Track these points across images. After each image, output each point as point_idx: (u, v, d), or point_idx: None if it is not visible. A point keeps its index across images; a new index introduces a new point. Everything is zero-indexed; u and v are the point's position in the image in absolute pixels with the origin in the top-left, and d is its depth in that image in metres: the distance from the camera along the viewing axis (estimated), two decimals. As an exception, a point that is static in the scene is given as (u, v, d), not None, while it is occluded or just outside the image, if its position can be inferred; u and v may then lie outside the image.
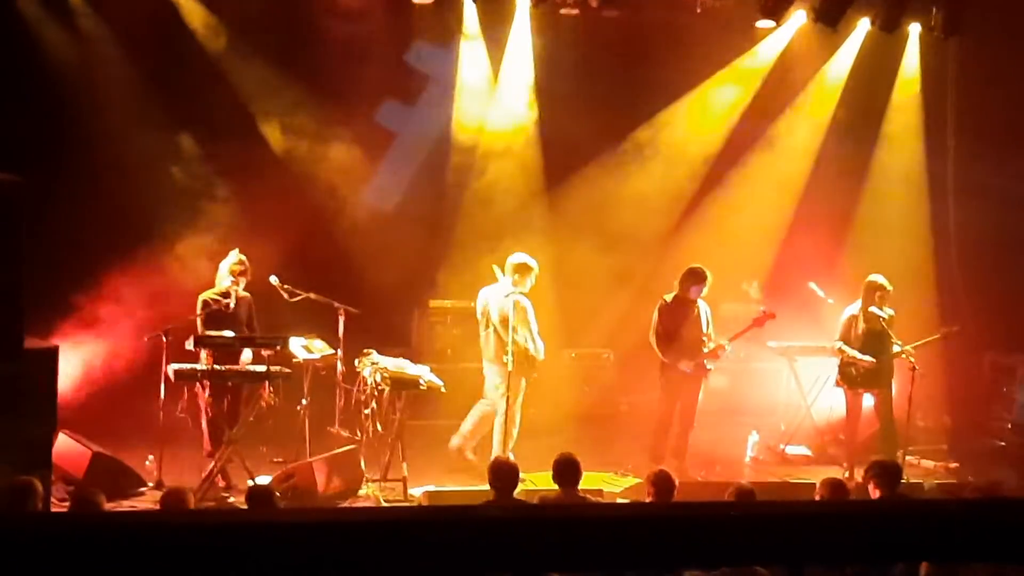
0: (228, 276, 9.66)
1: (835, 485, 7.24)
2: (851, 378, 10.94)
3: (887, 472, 7.45)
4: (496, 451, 9.98)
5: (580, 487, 7.54)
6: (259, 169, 11.88)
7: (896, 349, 10.76)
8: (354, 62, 12.59)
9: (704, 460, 11.04)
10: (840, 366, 11.03)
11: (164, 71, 11.96)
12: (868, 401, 11.10)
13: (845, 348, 10.89)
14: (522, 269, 10.19)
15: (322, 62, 12.38)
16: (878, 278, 10.84)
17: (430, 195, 13.31)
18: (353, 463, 9.59)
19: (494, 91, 13.38)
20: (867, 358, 10.76)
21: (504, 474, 7.14)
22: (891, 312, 10.83)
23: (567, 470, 7.41)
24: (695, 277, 10.41)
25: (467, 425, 10.53)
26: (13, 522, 1.58)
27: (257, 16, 12.12)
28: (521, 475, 7.55)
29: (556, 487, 7.47)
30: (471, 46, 13.22)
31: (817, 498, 7.11)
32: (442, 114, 13.28)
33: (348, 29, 12.51)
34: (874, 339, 10.78)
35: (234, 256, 9.73)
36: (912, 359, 10.60)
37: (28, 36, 11.46)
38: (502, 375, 10.16)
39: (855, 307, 10.93)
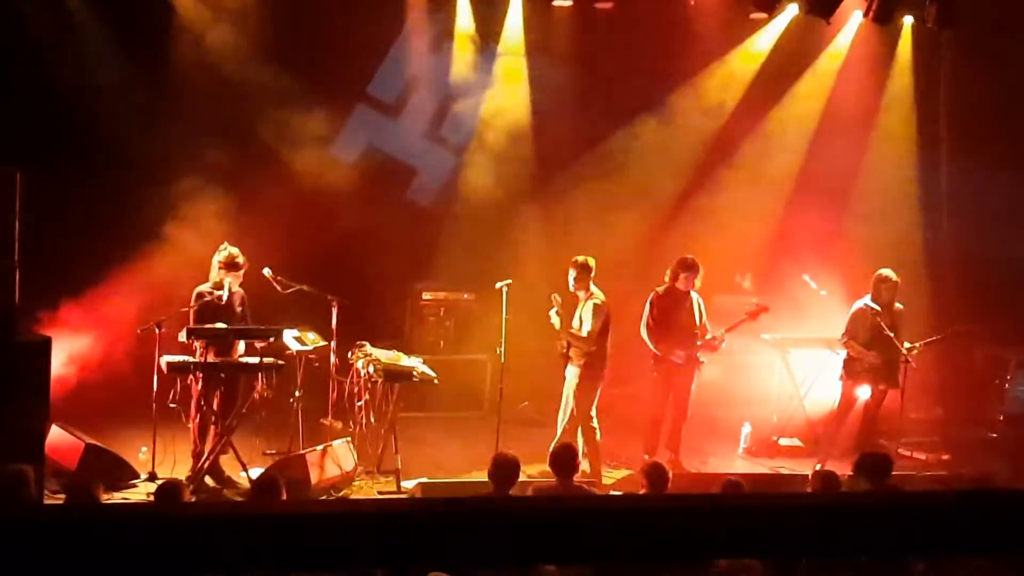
0: (219, 269, 9.64)
1: (827, 477, 7.27)
2: (856, 374, 10.86)
3: (876, 465, 7.46)
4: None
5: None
6: (253, 163, 11.87)
7: (907, 346, 10.67)
8: (348, 54, 12.58)
9: (697, 452, 11.06)
10: (845, 361, 10.97)
11: (160, 65, 11.95)
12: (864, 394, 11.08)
13: (853, 343, 10.84)
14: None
15: (316, 55, 12.37)
16: (884, 272, 10.81)
17: (424, 187, 13.31)
18: (346, 455, 9.60)
19: (487, 83, 13.37)
20: (870, 355, 10.72)
21: (505, 469, 7.16)
22: (900, 306, 10.81)
23: (564, 460, 7.45)
24: (685, 267, 10.40)
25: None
26: (6, 513, 1.58)
27: (251, 9, 12.09)
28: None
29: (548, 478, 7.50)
30: (464, 39, 13.21)
31: (809, 490, 7.13)
32: (435, 106, 13.28)
33: (341, 22, 12.50)
34: (879, 334, 10.68)
35: (224, 249, 9.70)
36: (915, 353, 10.59)
37: (24, 31, 11.43)
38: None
39: (863, 301, 10.87)
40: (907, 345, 10.65)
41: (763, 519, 1.71)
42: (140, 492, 9.17)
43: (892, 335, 10.58)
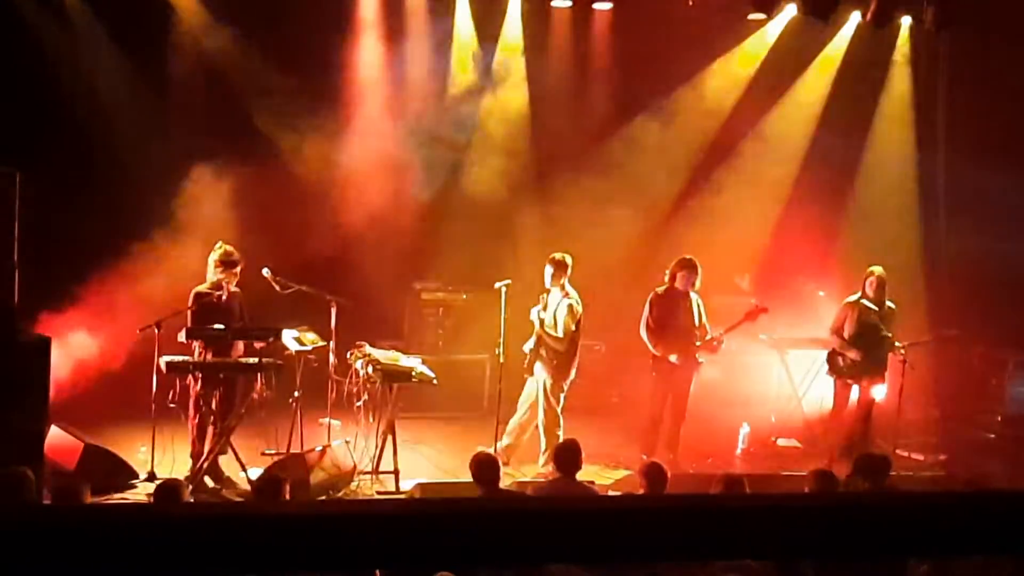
0: (215, 269, 9.65)
1: (823, 476, 7.27)
2: (839, 368, 11.03)
3: (875, 465, 7.47)
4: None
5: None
6: (252, 163, 11.85)
7: (896, 345, 10.79)
8: (347, 54, 12.60)
9: (696, 452, 11.06)
10: (828, 355, 11.12)
11: (159, 65, 11.96)
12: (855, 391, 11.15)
13: (836, 337, 10.97)
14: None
15: (316, 55, 12.37)
16: (874, 269, 10.90)
17: (422, 187, 13.32)
18: (345, 455, 9.60)
19: (486, 83, 13.38)
20: (851, 353, 10.81)
21: (485, 467, 7.16)
22: (892, 305, 10.88)
23: (568, 457, 7.44)
24: (683, 266, 10.43)
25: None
26: (6, 515, 1.58)
27: (249, 10, 12.10)
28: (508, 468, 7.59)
29: (548, 475, 7.49)
30: (463, 39, 13.22)
31: (806, 490, 7.13)
32: (434, 106, 13.29)
33: (341, 21, 12.51)
34: (867, 331, 10.80)
35: (219, 248, 9.71)
36: (903, 352, 10.67)
37: (24, 31, 11.43)
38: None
39: (853, 298, 10.98)
40: (896, 345, 10.75)
41: (762, 519, 1.71)
42: (139, 492, 9.17)
43: (887, 334, 10.66)
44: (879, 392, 11.03)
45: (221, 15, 12.14)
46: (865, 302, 10.80)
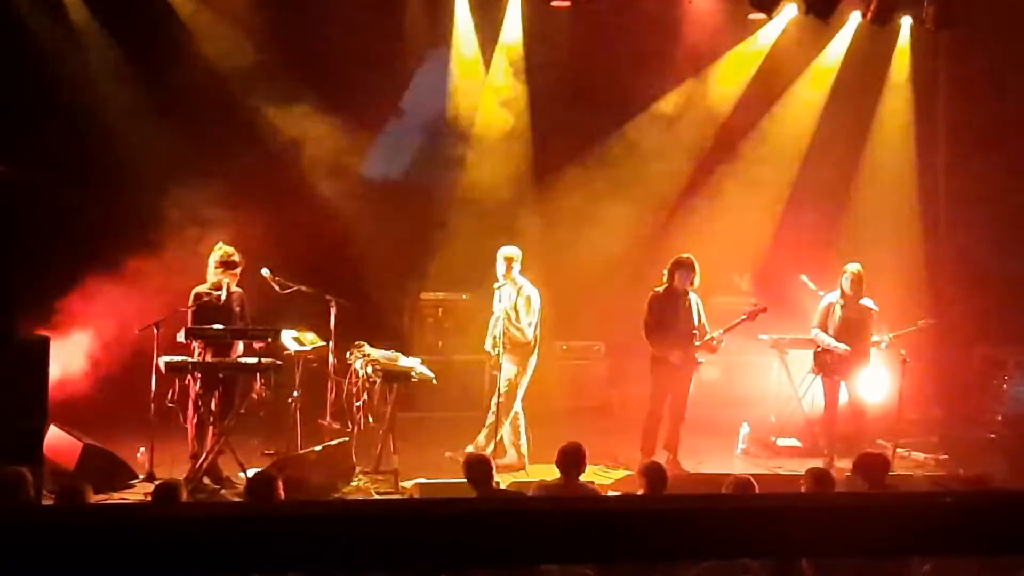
0: (216, 269, 9.65)
1: (819, 475, 7.27)
2: (825, 366, 11.07)
3: (875, 465, 7.47)
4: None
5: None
6: (252, 163, 11.87)
7: (875, 339, 10.90)
8: (346, 53, 12.59)
9: (695, 452, 11.06)
10: (815, 354, 11.16)
11: (159, 64, 11.96)
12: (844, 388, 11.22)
13: (819, 336, 11.01)
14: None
15: (315, 54, 12.37)
16: (850, 266, 10.97)
17: (421, 187, 13.32)
18: (344, 455, 9.60)
19: (485, 83, 13.38)
20: (841, 347, 10.86)
21: (476, 468, 7.16)
22: (870, 304, 10.91)
23: (571, 458, 7.43)
24: (680, 265, 10.44)
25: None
26: (5, 515, 1.58)
27: (249, 10, 12.10)
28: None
29: (552, 477, 7.49)
30: (463, 38, 13.22)
31: (803, 489, 7.13)
32: (433, 106, 13.29)
33: (341, 19, 12.50)
34: (849, 326, 10.88)
35: (219, 248, 9.71)
36: (902, 351, 10.70)
37: (22, 30, 11.42)
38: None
39: (833, 296, 11.05)
40: (875, 338, 10.87)
41: (762, 519, 1.71)
42: (138, 492, 9.16)
43: (875, 332, 10.77)
44: (872, 392, 11.09)
45: (222, 15, 12.13)
46: (837, 298, 10.97)
